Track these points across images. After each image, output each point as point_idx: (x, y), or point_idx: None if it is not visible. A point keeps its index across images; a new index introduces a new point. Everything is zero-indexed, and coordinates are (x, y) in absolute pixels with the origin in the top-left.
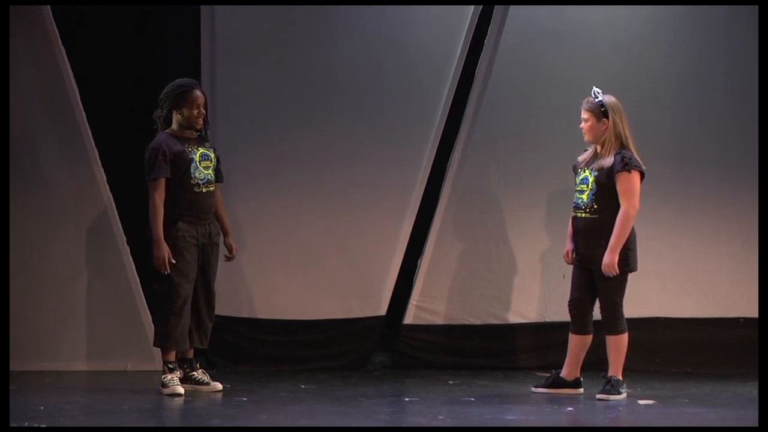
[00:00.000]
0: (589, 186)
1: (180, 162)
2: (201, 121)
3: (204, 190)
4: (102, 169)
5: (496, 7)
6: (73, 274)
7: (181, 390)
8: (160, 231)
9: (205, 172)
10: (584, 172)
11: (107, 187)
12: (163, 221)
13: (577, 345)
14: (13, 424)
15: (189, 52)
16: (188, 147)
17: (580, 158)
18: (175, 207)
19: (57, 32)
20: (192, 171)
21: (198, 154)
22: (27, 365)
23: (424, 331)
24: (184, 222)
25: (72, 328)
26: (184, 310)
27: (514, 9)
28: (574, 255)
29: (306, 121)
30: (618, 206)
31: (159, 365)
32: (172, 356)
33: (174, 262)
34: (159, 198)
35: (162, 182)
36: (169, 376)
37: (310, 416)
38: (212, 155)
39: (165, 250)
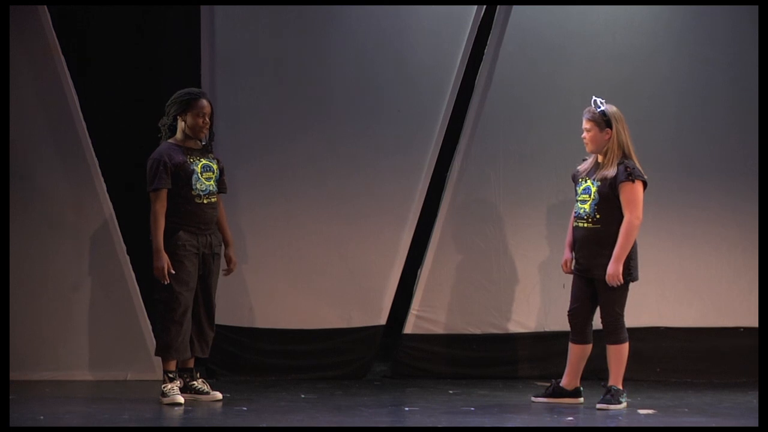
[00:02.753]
0: (592, 196)
1: (181, 173)
2: (205, 131)
3: (205, 201)
4: (102, 179)
5: (497, 12)
6: (73, 284)
7: (181, 399)
8: (160, 241)
9: (207, 183)
10: (586, 181)
11: (107, 196)
12: (163, 231)
13: (577, 354)
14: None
15: (189, 55)
16: (190, 158)
17: (581, 167)
18: (176, 217)
19: (55, 35)
20: (193, 182)
21: (200, 166)
22: (27, 374)
23: (424, 340)
24: (185, 231)
25: (72, 337)
26: (185, 319)
27: (513, 19)
28: (573, 264)
29: (307, 131)
30: (620, 216)
31: (159, 374)
32: (172, 366)
33: (173, 272)
34: (160, 208)
35: (163, 193)
36: (169, 386)
37: (310, 426)
38: (215, 166)
39: (165, 261)
